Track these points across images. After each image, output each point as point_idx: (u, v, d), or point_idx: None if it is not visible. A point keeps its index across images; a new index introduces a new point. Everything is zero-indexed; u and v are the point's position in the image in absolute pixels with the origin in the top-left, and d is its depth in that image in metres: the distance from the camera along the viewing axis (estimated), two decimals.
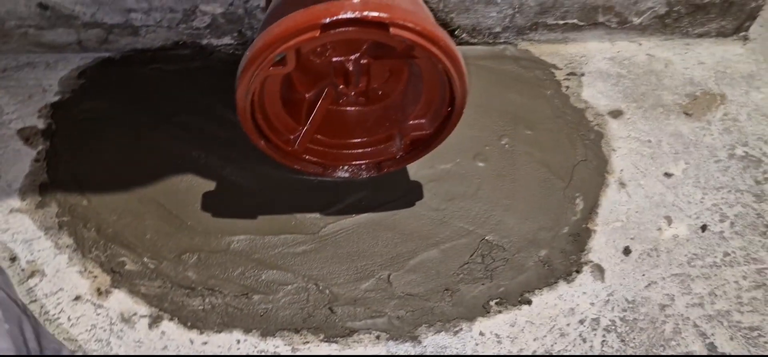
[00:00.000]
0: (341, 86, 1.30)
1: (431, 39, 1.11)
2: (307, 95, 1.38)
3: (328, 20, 1.06)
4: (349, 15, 1.06)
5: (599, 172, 1.61)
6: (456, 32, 1.81)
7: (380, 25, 1.07)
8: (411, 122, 1.38)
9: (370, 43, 1.28)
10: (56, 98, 1.65)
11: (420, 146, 1.40)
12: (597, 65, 1.85)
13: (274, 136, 1.35)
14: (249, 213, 1.46)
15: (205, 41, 1.76)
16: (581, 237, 1.47)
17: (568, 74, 1.83)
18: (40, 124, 1.59)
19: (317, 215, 1.47)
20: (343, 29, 1.08)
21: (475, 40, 1.85)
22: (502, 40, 1.87)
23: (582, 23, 1.84)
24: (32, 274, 1.34)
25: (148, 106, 1.63)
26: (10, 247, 1.36)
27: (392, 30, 1.07)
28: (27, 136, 1.55)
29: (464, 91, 1.23)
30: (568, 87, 1.79)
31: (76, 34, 1.71)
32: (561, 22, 1.83)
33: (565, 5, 1.78)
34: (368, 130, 1.43)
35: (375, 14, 1.06)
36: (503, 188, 1.56)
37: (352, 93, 1.31)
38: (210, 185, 1.49)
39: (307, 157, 1.41)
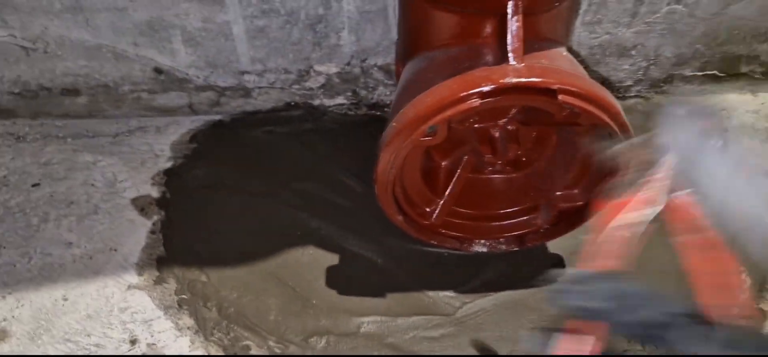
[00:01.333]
0: (488, 155, 1.18)
1: (602, 105, 0.98)
2: (443, 163, 1.27)
3: (489, 88, 0.95)
4: (513, 80, 0.95)
5: None
6: None
7: (547, 91, 0.95)
8: (560, 192, 1.25)
9: (519, 108, 1.16)
10: (169, 164, 1.59)
11: (569, 218, 1.27)
12: (741, 119, 1.68)
13: (411, 210, 1.24)
14: (377, 291, 1.34)
15: (317, 102, 1.68)
16: None
17: None
18: (155, 193, 1.52)
19: (452, 293, 1.34)
20: (506, 97, 0.97)
21: None
22: (632, 94, 1.73)
23: (722, 74, 1.68)
24: None
25: (263, 171, 1.55)
26: (129, 328, 1.28)
27: (561, 97, 0.95)
28: (142, 205, 1.49)
29: None
30: None
31: (188, 98, 1.66)
32: (699, 73, 1.68)
33: (706, 55, 1.63)
34: (510, 201, 1.31)
35: (541, 80, 0.95)
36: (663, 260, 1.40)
37: (498, 162, 1.19)
38: (333, 259, 1.39)
39: (444, 230, 1.30)
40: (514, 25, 1.00)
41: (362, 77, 1.63)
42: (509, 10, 1.00)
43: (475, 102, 0.96)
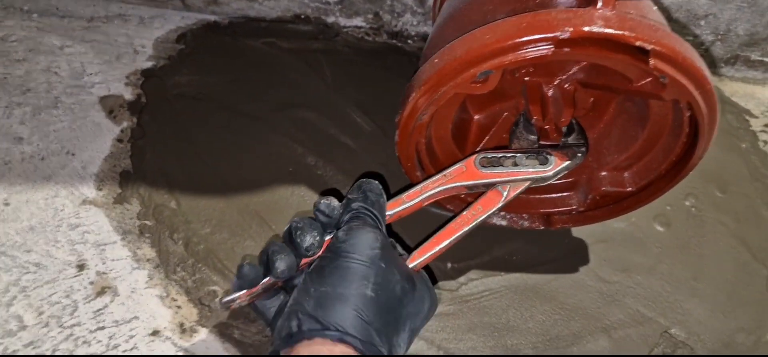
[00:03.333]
0: (536, 117, 0.97)
1: (697, 80, 0.77)
2: (476, 116, 1.05)
3: (567, 34, 0.73)
4: (600, 30, 0.73)
5: None
6: None
7: (638, 51, 0.74)
8: (605, 173, 1.05)
9: (583, 65, 0.94)
10: (149, 64, 1.36)
11: (609, 204, 1.07)
12: None
13: (432, 165, 1.03)
14: None
15: (331, 19, 1.45)
16: None
17: (765, 125, 1.46)
18: (128, 94, 1.29)
19: (457, 265, 1.14)
20: (585, 49, 0.75)
21: None
22: None
23: None
24: (102, 291, 1.06)
25: (259, 90, 1.33)
26: (78, 250, 1.08)
27: (653, 61, 0.74)
28: (111, 107, 1.26)
29: (706, 149, 0.89)
30: (766, 142, 1.42)
31: None
32: (767, 59, 1.46)
33: None
34: None
35: (635, 35, 0.73)
36: (689, 264, 1.21)
37: (546, 127, 0.97)
38: None
39: (462, 195, 1.09)
40: None
41: None
42: None
43: (548, 49, 0.74)
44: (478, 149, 1.07)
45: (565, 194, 1.10)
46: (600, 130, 1.06)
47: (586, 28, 0.72)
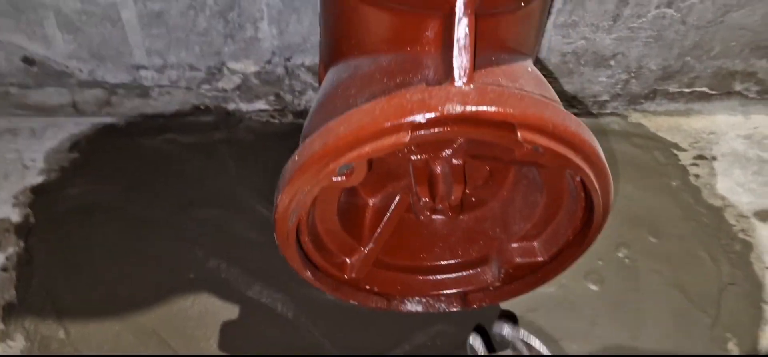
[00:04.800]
0: (424, 199, 0.90)
1: (574, 144, 0.71)
2: (371, 201, 0.98)
3: (424, 118, 0.66)
4: (457, 108, 0.66)
5: (754, 303, 1.18)
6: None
7: (504, 125, 0.67)
8: (515, 244, 0.98)
9: (467, 139, 0.88)
10: (40, 179, 1.28)
11: (525, 275, 1.00)
12: (731, 145, 1.43)
13: (324, 260, 0.95)
14: (286, 351, 1.06)
15: (232, 106, 1.38)
16: None
17: (695, 157, 1.41)
18: (15, 216, 1.21)
19: None
20: (449, 129, 0.68)
21: (575, 109, 1.44)
22: (608, 111, 1.46)
23: (713, 92, 1.43)
24: None
25: (155, 192, 1.25)
26: None
27: (521, 133, 0.67)
28: None
29: (606, 212, 0.83)
30: (697, 176, 1.37)
31: (70, 95, 1.34)
32: (687, 90, 1.42)
33: (696, 70, 1.37)
34: (453, 249, 1.04)
35: (495, 110, 0.66)
36: (626, 323, 1.15)
37: (439, 206, 0.90)
38: (231, 311, 1.10)
39: (368, 286, 1.02)
40: (462, 29, 0.71)
41: (287, 79, 1.33)
42: (458, 9, 0.72)
43: (404, 136, 0.67)
44: (375, 234, 1.00)
45: (478, 270, 1.03)
46: (503, 199, 1.00)
47: (443, 109, 0.66)
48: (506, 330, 0.94)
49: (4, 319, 1.08)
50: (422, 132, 0.68)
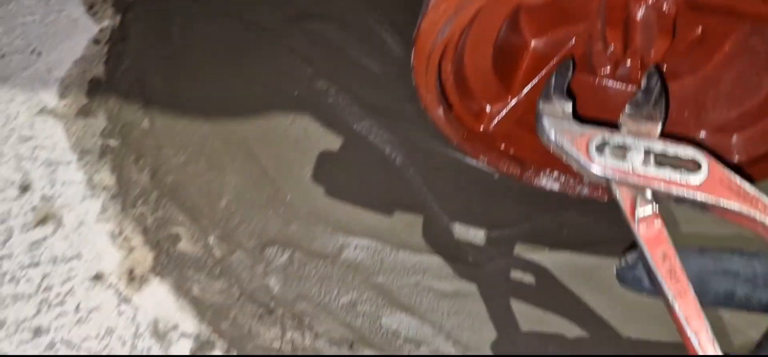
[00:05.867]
0: (612, 46, 0.67)
1: None
2: (533, 42, 0.77)
3: None
4: None
5: None
6: None
7: None
8: (704, 133, 0.75)
9: None
10: None
11: None
12: None
13: (461, 103, 0.76)
14: (382, 203, 0.90)
15: None
16: None
17: None
18: None
19: (488, 234, 0.87)
20: None
21: None
22: None
23: None
24: (44, 220, 0.86)
25: None
26: (25, 168, 0.89)
27: None
28: (93, 1, 1.05)
29: None
30: None
31: None
32: None
33: None
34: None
35: None
36: None
37: (628, 63, 0.68)
38: (333, 141, 0.94)
39: (503, 145, 0.82)
40: None
41: None
42: None
43: None
44: (529, 86, 0.79)
45: None
46: (706, 76, 0.76)
47: None
48: None
49: (89, 94, 0.96)
50: None
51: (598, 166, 0.61)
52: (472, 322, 0.82)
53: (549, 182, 0.86)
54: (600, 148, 0.61)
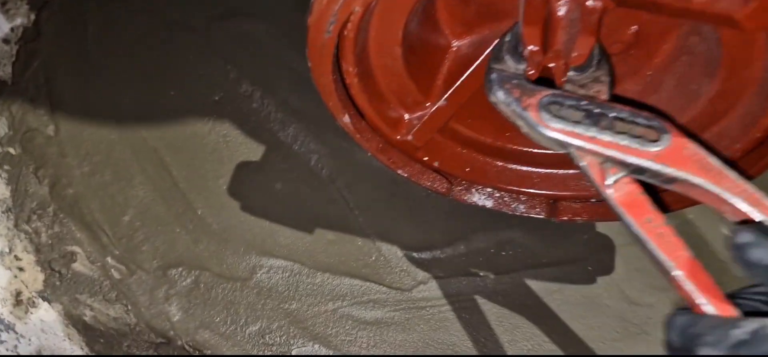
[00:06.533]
0: (532, 47, 0.59)
1: None
2: (455, 44, 0.69)
3: None
4: None
5: None
6: None
7: None
8: None
9: None
10: None
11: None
12: None
13: (374, 109, 0.68)
14: (305, 220, 0.81)
15: None
16: None
17: None
18: None
19: (417, 255, 0.79)
20: None
21: None
22: None
23: None
24: None
25: None
26: None
27: None
28: None
29: None
30: None
31: None
32: None
33: None
34: None
35: None
36: None
37: (550, 63, 0.60)
38: (254, 151, 0.86)
39: (426, 157, 0.74)
40: None
41: None
42: None
43: None
44: (450, 90, 0.71)
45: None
46: (646, 80, 0.68)
47: None
48: None
49: None
50: None
51: (547, 128, 0.53)
52: (395, 351, 0.74)
53: (481, 199, 0.77)
54: (551, 109, 0.54)
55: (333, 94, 0.64)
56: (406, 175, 0.75)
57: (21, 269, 0.78)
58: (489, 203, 0.78)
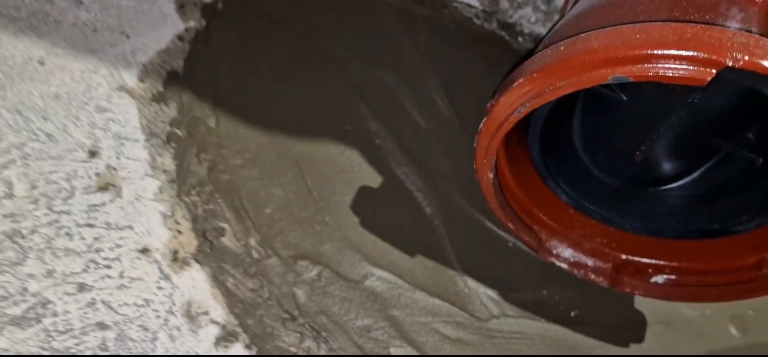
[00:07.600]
0: None
1: None
2: None
3: (742, 60, 0.55)
4: None
5: None
6: None
7: None
8: None
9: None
10: None
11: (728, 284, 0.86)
12: None
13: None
14: (407, 244, 0.98)
15: None
16: None
17: None
18: None
19: (494, 294, 0.96)
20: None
21: None
22: None
23: None
24: (105, 187, 0.95)
25: (346, 32, 1.17)
26: (96, 136, 0.97)
27: None
28: (183, 1, 1.15)
29: None
30: None
31: None
32: None
33: None
34: None
35: None
36: None
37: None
38: (373, 178, 1.03)
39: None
40: None
41: None
42: None
43: (706, 75, 0.56)
44: None
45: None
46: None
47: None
48: None
49: (165, 83, 1.06)
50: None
51: None
52: None
53: (560, 260, 0.94)
54: None
55: (490, 155, 0.79)
56: (511, 226, 0.92)
57: (179, 232, 0.94)
58: (564, 264, 0.94)
